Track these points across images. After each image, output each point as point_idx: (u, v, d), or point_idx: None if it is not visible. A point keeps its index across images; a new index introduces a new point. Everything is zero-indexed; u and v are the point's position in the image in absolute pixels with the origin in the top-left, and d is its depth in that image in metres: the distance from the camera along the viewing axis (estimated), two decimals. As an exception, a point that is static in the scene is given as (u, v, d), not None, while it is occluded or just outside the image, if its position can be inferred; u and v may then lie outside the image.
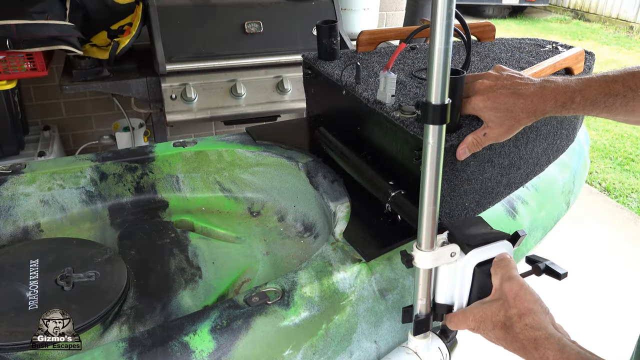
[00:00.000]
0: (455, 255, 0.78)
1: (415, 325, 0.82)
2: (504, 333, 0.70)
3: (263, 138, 1.34)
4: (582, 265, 2.84)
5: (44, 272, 0.97)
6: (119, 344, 0.74)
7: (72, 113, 2.78)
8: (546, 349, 0.65)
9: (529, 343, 0.66)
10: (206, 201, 1.31)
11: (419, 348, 0.83)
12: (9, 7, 1.92)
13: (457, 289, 0.80)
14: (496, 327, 0.71)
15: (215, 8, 2.21)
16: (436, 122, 0.71)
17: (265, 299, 0.83)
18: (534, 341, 0.66)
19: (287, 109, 2.29)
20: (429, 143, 0.73)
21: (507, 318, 0.70)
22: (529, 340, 0.67)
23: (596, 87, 0.83)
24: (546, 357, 0.64)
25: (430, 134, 0.73)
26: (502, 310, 0.71)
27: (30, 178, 1.17)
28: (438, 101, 0.70)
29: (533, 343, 0.66)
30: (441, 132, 0.73)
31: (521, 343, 0.67)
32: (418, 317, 0.81)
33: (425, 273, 0.79)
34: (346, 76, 1.23)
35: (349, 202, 1.11)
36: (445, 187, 1.00)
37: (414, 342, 0.84)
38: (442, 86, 0.70)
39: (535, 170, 1.25)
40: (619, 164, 4.22)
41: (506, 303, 0.71)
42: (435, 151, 0.73)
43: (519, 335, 0.68)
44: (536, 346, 0.65)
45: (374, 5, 2.67)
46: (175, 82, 2.11)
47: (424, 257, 0.77)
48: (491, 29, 1.52)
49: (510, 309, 0.70)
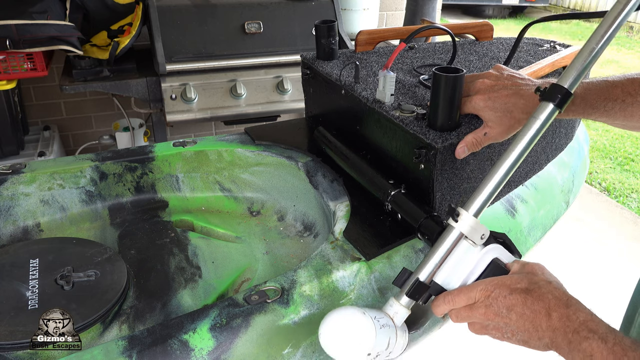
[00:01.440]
0: (484, 238, 0.76)
1: (413, 288, 0.77)
2: (524, 296, 0.66)
3: (262, 138, 1.35)
4: (582, 265, 2.84)
5: (44, 271, 0.97)
6: (118, 342, 0.74)
7: (72, 113, 2.78)
8: (578, 310, 0.62)
9: (557, 301, 0.63)
10: (206, 201, 1.31)
11: (397, 316, 0.78)
12: (9, 7, 1.92)
13: (463, 277, 0.77)
14: (514, 292, 0.67)
15: (215, 8, 2.21)
16: (557, 103, 0.74)
17: (265, 297, 0.83)
18: (566, 300, 0.63)
19: (287, 109, 2.29)
20: (537, 118, 0.75)
21: (533, 283, 0.67)
22: (558, 298, 0.64)
23: (596, 91, 0.84)
24: (576, 317, 0.61)
25: (544, 112, 0.75)
26: (526, 279, 0.68)
27: (30, 178, 1.17)
28: (568, 86, 0.74)
29: (564, 301, 0.63)
30: (552, 115, 0.75)
31: (547, 303, 0.64)
32: (418, 280, 0.77)
33: (453, 239, 0.76)
34: (345, 76, 1.23)
35: (348, 201, 1.11)
36: (445, 186, 1.00)
37: (395, 308, 0.78)
38: (577, 76, 0.73)
39: (534, 168, 1.25)
40: (619, 164, 4.22)
41: (531, 274, 0.69)
42: (536, 129, 0.75)
43: (547, 295, 0.65)
44: (568, 304, 0.63)
45: (373, 5, 2.67)
46: (175, 82, 2.11)
47: (468, 220, 0.75)
48: (489, 28, 1.52)
49: (537, 277, 0.68)
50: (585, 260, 2.90)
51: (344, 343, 0.73)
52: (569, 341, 0.61)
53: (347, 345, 0.73)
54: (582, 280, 2.68)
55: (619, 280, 2.73)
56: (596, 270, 2.80)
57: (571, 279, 2.71)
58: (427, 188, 1.00)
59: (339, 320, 0.74)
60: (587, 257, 2.93)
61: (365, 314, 0.74)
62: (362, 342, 0.72)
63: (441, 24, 1.27)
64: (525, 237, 1.23)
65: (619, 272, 2.78)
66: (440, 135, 0.96)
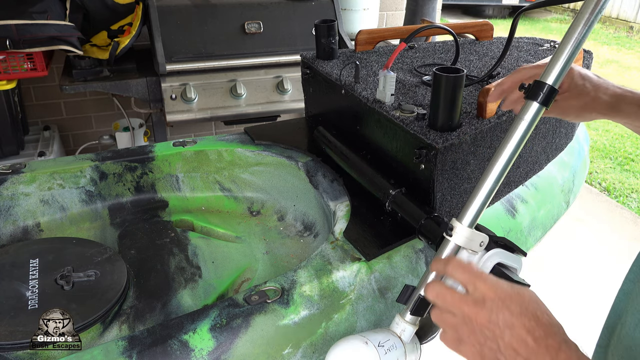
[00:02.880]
0: (483, 245, 0.75)
1: (416, 304, 0.76)
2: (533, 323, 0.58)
3: (262, 138, 1.34)
4: (582, 265, 2.84)
5: (44, 271, 0.97)
6: (118, 343, 0.74)
7: (72, 113, 2.78)
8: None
9: (567, 346, 0.57)
10: (206, 201, 1.31)
11: (405, 334, 0.78)
12: (9, 7, 1.92)
13: None
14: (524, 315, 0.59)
15: (215, 8, 2.21)
16: (541, 100, 0.72)
17: (265, 297, 0.83)
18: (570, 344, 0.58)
19: (287, 109, 2.29)
20: (523, 119, 0.73)
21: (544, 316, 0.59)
22: (568, 343, 0.58)
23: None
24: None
25: (529, 111, 0.73)
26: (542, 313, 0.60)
27: (30, 178, 1.17)
28: (551, 82, 0.72)
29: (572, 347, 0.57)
30: (538, 114, 0.73)
31: (558, 342, 0.57)
32: (421, 296, 0.76)
33: (451, 251, 0.75)
34: (345, 75, 1.23)
35: (348, 201, 1.11)
36: (445, 186, 1.00)
37: (401, 326, 0.78)
38: (560, 72, 0.71)
39: (534, 168, 1.25)
40: (619, 164, 4.22)
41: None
42: (523, 130, 0.73)
43: (557, 336, 0.58)
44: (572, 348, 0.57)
45: (374, 5, 2.66)
46: (175, 82, 2.11)
47: (463, 232, 0.74)
48: (489, 27, 1.52)
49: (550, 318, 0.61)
50: (585, 260, 2.90)
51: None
52: None
53: None
54: (582, 280, 2.68)
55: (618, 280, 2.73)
56: (596, 270, 2.80)
57: (571, 279, 2.72)
58: (428, 188, 1.00)
59: (342, 355, 0.74)
60: (587, 257, 2.93)
61: (368, 344, 0.74)
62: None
63: (441, 24, 1.27)
64: (526, 237, 1.22)
65: (618, 272, 2.78)
66: (440, 135, 0.96)
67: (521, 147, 0.74)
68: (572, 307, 2.44)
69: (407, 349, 0.77)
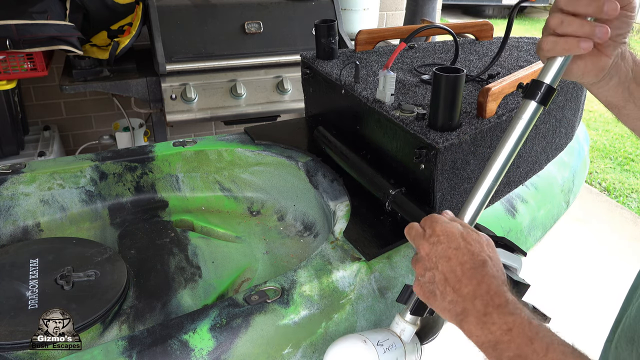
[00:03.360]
0: None
1: (415, 305, 0.77)
2: (465, 258, 0.63)
3: (262, 138, 1.34)
4: (581, 266, 2.84)
5: (44, 271, 0.97)
6: (118, 343, 0.74)
7: (72, 113, 2.78)
8: (508, 292, 0.60)
9: (493, 279, 0.61)
10: (206, 201, 1.31)
11: (404, 333, 0.78)
12: (9, 7, 1.92)
13: None
14: (460, 248, 0.64)
15: (215, 8, 2.21)
16: (539, 100, 0.72)
17: (265, 297, 0.83)
18: (502, 281, 0.61)
19: (287, 109, 2.29)
20: (521, 119, 0.73)
21: (481, 254, 0.64)
22: (495, 277, 0.61)
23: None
24: (506, 297, 0.59)
25: (527, 110, 0.72)
26: (482, 247, 0.65)
27: (30, 178, 1.17)
28: (549, 82, 0.71)
29: (500, 280, 0.61)
30: (536, 113, 0.73)
31: (484, 273, 0.62)
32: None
33: None
34: (345, 75, 1.23)
35: (348, 201, 1.11)
36: (445, 186, 1.00)
37: (401, 326, 0.78)
38: (558, 71, 0.71)
39: (534, 168, 1.25)
40: (619, 164, 4.22)
41: (486, 250, 0.66)
42: (521, 129, 0.73)
43: (487, 269, 0.62)
44: (500, 283, 0.61)
45: (374, 5, 2.66)
46: (175, 82, 2.11)
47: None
48: (489, 27, 1.52)
49: (492, 257, 0.65)
50: (585, 260, 2.90)
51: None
52: (486, 313, 0.59)
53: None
54: (582, 280, 2.68)
55: (618, 280, 2.73)
56: (596, 270, 2.80)
57: (571, 278, 2.72)
58: (428, 188, 1.00)
59: (341, 353, 0.75)
60: (587, 257, 2.93)
61: (367, 342, 0.75)
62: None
63: (441, 24, 1.27)
64: (526, 237, 1.22)
65: (618, 272, 2.78)
66: (440, 135, 0.96)
67: (519, 147, 0.74)
68: (572, 307, 2.44)
69: (407, 349, 0.77)
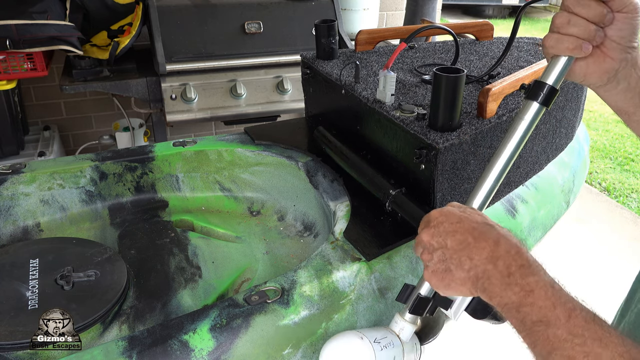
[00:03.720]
0: None
1: (415, 303, 0.76)
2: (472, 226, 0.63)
3: (262, 138, 1.34)
4: (581, 266, 2.84)
5: (44, 271, 0.97)
6: (118, 343, 0.74)
7: (72, 113, 2.78)
8: (528, 252, 0.59)
9: (508, 239, 0.61)
10: (206, 201, 1.31)
11: (403, 332, 0.78)
12: (9, 7, 1.92)
13: None
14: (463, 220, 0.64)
15: (215, 8, 2.21)
16: (541, 100, 0.72)
17: (265, 297, 0.83)
18: (518, 241, 0.61)
19: (287, 109, 2.29)
20: (523, 119, 0.73)
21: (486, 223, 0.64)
22: (509, 237, 0.61)
23: None
24: (527, 256, 0.59)
25: (529, 111, 0.73)
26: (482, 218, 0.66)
27: (30, 178, 1.17)
28: (551, 82, 0.71)
29: (516, 241, 0.60)
30: (538, 114, 0.73)
31: (497, 234, 0.62)
32: (421, 295, 0.76)
33: None
34: (345, 75, 1.23)
35: (348, 201, 1.11)
36: (445, 186, 1.00)
37: (400, 325, 0.78)
38: (561, 72, 0.71)
39: (534, 168, 1.25)
40: (619, 164, 4.22)
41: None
42: (523, 130, 0.73)
43: (497, 231, 0.62)
44: (519, 244, 0.60)
45: (374, 5, 2.66)
46: (175, 82, 2.11)
47: None
48: (489, 27, 1.52)
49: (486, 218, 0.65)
50: (585, 260, 2.89)
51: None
52: (509, 273, 0.57)
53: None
54: (582, 280, 2.68)
55: (618, 280, 2.73)
56: (596, 270, 2.80)
57: (571, 278, 2.71)
58: (428, 188, 0.99)
59: (337, 348, 0.75)
60: (587, 257, 2.93)
61: (363, 339, 0.74)
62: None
63: (442, 24, 1.27)
64: (526, 237, 1.22)
65: (619, 272, 2.78)
66: (441, 135, 0.96)
67: (521, 148, 0.74)
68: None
69: (405, 348, 0.77)
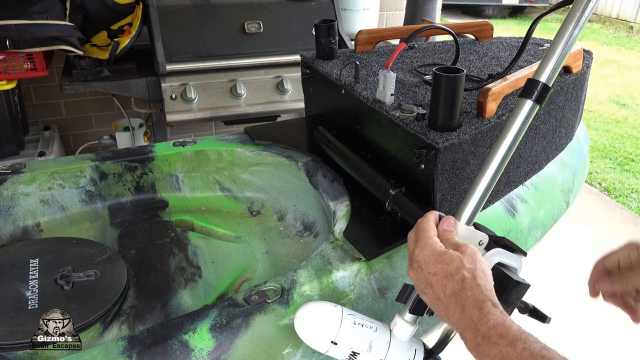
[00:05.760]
0: (483, 244, 0.76)
1: (415, 303, 0.76)
2: (444, 282, 0.66)
3: (262, 138, 1.34)
4: (582, 265, 2.84)
5: (44, 271, 0.97)
6: (118, 343, 0.74)
7: (72, 113, 2.78)
8: (489, 313, 0.62)
9: (474, 302, 0.63)
10: (206, 201, 1.31)
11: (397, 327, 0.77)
12: (9, 7, 1.92)
13: None
14: (438, 273, 0.67)
15: (215, 8, 2.21)
16: (535, 98, 0.72)
17: (265, 297, 0.83)
18: (482, 301, 0.63)
19: (287, 109, 2.29)
20: (517, 117, 0.73)
21: (460, 270, 0.66)
22: (475, 298, 0.63)
23: None
24: (487, 321, 0.61)
25: (523, 109, 0.73)
26: (457, 263, 0.67)
27: (30, 178, 1.17)
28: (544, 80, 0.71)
29: (479, 304, 0.63)
30: (532, 112, 0.73)
31: (464, 300, 0.64)
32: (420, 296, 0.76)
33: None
34: (345, 75, 1.23)
35: (348, 201, 1.11)
36: (445, 186, 1.00)
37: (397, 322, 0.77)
38: (553, 70, 0.71)
39: (534, 168, 1.25)
40: (619, 164, 4.22)
41: (464, 259, 0.67)
42: (517, 128, 0.73)
43: (466, 292, 0.64)
44: (481, 307, 0.63)
45: (374, 5, 2.66)
46: (175, 82, 2.11)
47: (461, 230, 0.75)
48: (489, 27, 1.52)
49: (466, 266, 0.66)
50: (585, 260, 2.89)
51: (310, 328, 0.76)
52: (478, 344, 0.61)
53: (312, 330, 0.76)
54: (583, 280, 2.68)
55: (619, 280, 2.73)
56: (596, 270, 2.80)
57: (571, 279, 2.71)
58: (428, 188, 0.99)
59: (310, 308, 0.77)
60: (587, 257, 2.92)
61: (336, 307, 0.77)
62: (326, 329, 0.75)
63: (441, 24, 1.27)
64: (526, 237, 1.22)
65: (619, 272, 2.78)
66: (440, 135, 0.96)
67: (516, 146, 0.75)
68: (573, 308, 2.44)
69: (395, 344, 0.77)
